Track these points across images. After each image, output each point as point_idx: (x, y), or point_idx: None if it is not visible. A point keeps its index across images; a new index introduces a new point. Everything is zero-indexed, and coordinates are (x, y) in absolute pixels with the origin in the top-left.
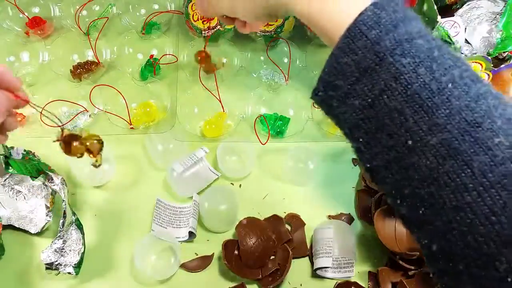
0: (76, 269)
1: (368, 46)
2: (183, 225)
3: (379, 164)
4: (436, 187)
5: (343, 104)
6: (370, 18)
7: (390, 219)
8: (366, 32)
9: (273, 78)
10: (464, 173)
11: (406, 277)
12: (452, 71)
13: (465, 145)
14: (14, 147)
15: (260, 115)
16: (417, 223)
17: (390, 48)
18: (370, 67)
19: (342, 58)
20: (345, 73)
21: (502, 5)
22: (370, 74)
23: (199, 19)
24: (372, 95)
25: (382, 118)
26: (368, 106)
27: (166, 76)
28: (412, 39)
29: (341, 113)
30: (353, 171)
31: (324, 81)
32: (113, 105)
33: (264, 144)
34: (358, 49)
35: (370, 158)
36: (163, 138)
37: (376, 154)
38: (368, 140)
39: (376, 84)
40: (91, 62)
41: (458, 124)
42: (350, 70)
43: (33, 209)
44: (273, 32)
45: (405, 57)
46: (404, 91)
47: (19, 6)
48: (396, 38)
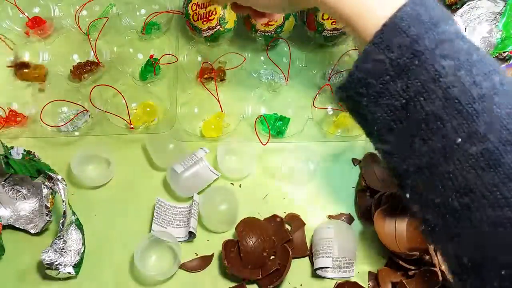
0: (76, 269)
1: (406, 44)
2: (183, 225)
3: (408, 169)
4: (472, 199)
5: (374, 103)
6: (409, 14)
7: (390, 219)
8: (405, 28)
9: (273, 78)
10: (506, 186)
11: (406, 277)
12: (492, 76)
13: (507, 157)
14: (14, 147)
15: (260, 115)
16: (446, 235)
17: (429, 48)
18: (406, 67)
19: (377, 55)
20: (379, 71)
21: (502, 5)
22: (406, 74)
23: (199, 19)
24: (407, 96)
25: (417, 121)
26: (401, 107)
27: (166, 76)
28: (452, 40)
29: (370, 113)
30: (353, 171)
31: (354, 77)
32: (113, 105)
33: (265, 145)
34: (395, 47)
35: (399, 162)
36: (163, 138)
37: (406, 158)
38: (398, 143)
39: (412, 85)
40: (91, 62)
41: (499, 133)
42: (384, 68)
43: (33, 209)
44: (273, 32)
45: (445, 59)
46: (443, 94)
47: (19, 6)
48: (436, 38)
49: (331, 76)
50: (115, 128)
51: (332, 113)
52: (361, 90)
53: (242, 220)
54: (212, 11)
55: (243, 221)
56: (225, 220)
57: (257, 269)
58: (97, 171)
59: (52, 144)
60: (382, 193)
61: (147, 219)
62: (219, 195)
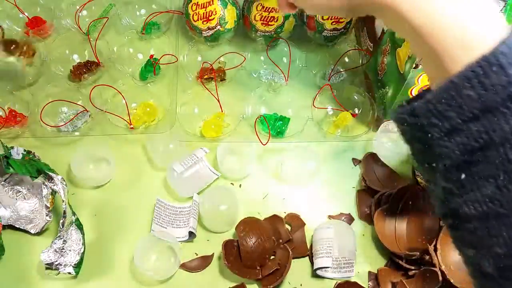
0: (76, 269)
1: (504, 83)
2: (183, 225)
3: (472, 214)
4: None
5: (448, 138)
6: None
7: (390, 219)
8: (507, 67)
9: (273, 78)
10: None
11: (406, 277)
12: None
13: None
14: (14, 147)
15: (260, 115)
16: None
17: None
18: (498, 109)
19: (465, 90)
20: (463, 107)
21: (502, 5)
22: (495, 116)
23: (199, 19)
24: (489, 139)
25: (495, 167)
26: (479, 149)
27: (166, 76)
28: None
29: (439, 146)
30: (353, 171)
31: (431, 106)
32: (113, 105)
33: (265, 145)
34: (489, 85)
35: (462, 204)
36: (163, 138)
37: (472, 201)
38: (467, 184)
39: (499, 129)
40: (91, 62)
41: None
42: (471, 105)
43: (33, 209)
44: (273, 32)
45: None
46: None
47: (19, 6)
48: None
49: (331, 76)
50: (115, 128)
51: (332, 113)
52: (435, 121)
53: (242, 220)
54: (212, 11)
55: (243, 221)
56: (225, 220)
57: (257, 269)
58: (97, 171)
59: (52, 144)
60: (382, 193)
61: (147, 219)
62: (219, 195)
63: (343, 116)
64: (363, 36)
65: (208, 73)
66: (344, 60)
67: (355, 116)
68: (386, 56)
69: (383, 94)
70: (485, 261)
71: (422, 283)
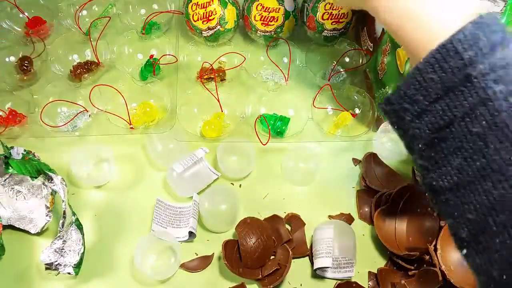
0: (75, 269)
1: (460, 66)
2: (183, 225)
3: (445, 186)
4: (509, 217)
5: (418, 119)
6: (467, 37)
7: (390, 219)
8: (462, 52)
9: (273, 78)
10: None
11: (406, 277)
12: None
13: None
14: (14, 147)
15: (260, 115)
16: (476, 249)
17: (483, 73)
18: (457, 88)
19: (428, 74)
20: (428, 89)
21: (502, 5)
22: (456, 95)
23: (199, 19)
24: (453, 116)
25: (460, 140)
26: (445, 126)
27: (166, 76)
28: (508, 66)
29: (412, 128)
30: (353, 171)
31: (402, 92)
32: (113, 105)
33: (265, 145)
34: (448, 68)
35: (436, 178)
36: (163, 138)
37: (444, 175)
38: (437, 160)
39: (460, 105)
40: (91, 62)
41: None
42: (434, 87)
43: (33, 209)
44: (273, 32)
45: (498, 84)
46: (490, 118)
47: (19, 6)
48: (492, 63)
49: (331, 76)
50: (115, 128)
51: (332, 113)
52: (406, 106)
53: (242, 220)
54: (212, 11)
55: (243, 221)
56: (225, 220)
57: (257, 269)
58: (97, 171)
59: (52, 144)
60: (382, 193)
61: (147, 219)
62: (219, 195)
63: (343, 116)
64: (363, 36)
65: (208, 73)
66: (344, 60)
67: (355, 116)
68: (386, 56)
69: (383, 94)
70: (461, 228)
71: (422, 283)
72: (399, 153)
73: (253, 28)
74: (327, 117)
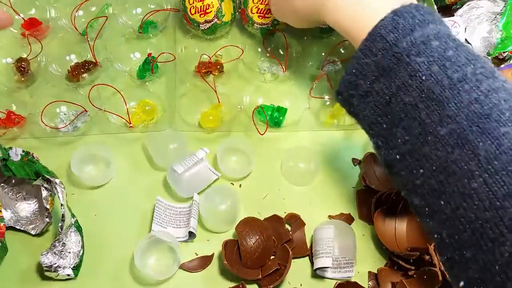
0: (75, 271)
1: (387, 48)
2: (183, 225)
3: (394, 158)
4: (445, 176)
5: (363, 102)
6: (389, 23)
7: (390, 219)
8: (385, 35)
9: (271, 69)
10: (471, 161)
11: (406, 277)
12: (465, 68)
13: (472, 135)
14: (13, 147)
15: (258, 106)
16: (427, 213)
17: (406, 49)
18: (388, 67)
19: (363, 59)
20: (366, 73)
21: (502, 5)
22: (388, 73)
23: (196, 13)
24: (390, 92)
25: (398, 113)
26: (385, 103)
27: (164, 74)
28: (428, 41)
29: (360, 111)
30: (353, 171)
31: (346, 81)
32: (112, 104)
33: (263, 135)
34: (378, 51)
35: (386, 153)
36: (163, 137)
37: (392, 148)
38: (385, 135)
39: (393, 82)
40: (89, 62)
41: (467, 115)
42: (370, 70)
43: (33, 210)
44: (270, 24)
45: (420, 57)
46: (418, 86)
47: (15, 7)
48: (412, 40)
49: (325, 65)
50: (114, 128)
51: (329, 103)
52: (351, 92)
53: (242, 220)
54: (209, 4)
55: (243, 221)
56: (225, 220)
57: (257, 269)
58: (97, 171)
59: (52, 144)
60: (382, 193)
61: (147, 219)
62: (219, 195)
63: (339, 106)
64: None
65: (206, 66)
66: (339, 51)
67: None
68: None
69: None
70: (413, 196)
71: (422, 283)
72: None
73: (250, 21)
74: (324, 107)
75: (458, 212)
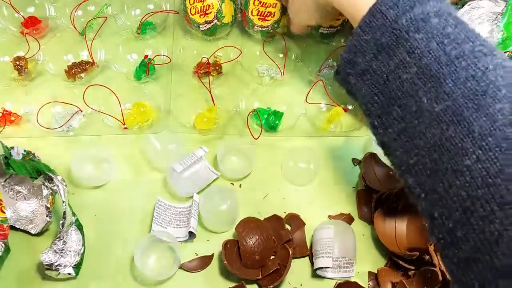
0: (75, 269)
1: (386, 24)
2: (183, 225)
3: (390, 137)
4: (439, 153)
5: (360, 80)
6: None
7: (390, 219)
8: (385, 12)
9: (269, 72)
10: (466, 137)
11: (406, 277)
12: (463, 45)
13: (467, 112)
14: (14, 147)
15: (254, 109)
16: (421, 192)
17: (405, 26)
18: (387, 44)
19: (363, 36)
20: (365, 50)
21: (503, 5)
22: (387, 51)
23: (196, 13)
24: (388, 70)
25: (395, 90)
26: (383, 81)
27: (160, 76)
28: (428, 18)
29: (358, 90)
30: (353, 171)
31: (344, 59)
32: (107, 105)
33: (256, 139)
34: (377, 28)
35: (382, 132)
36: (162, 138)
37: (387, 127)
38: (381, 114)
39: (391, 59)
40: (86, 62)
41: (463, 92)
42: (369, 47)
43: (33, 210)
44: (270, 27)
45: (419, 33)
46: (416, 63)
47: (14, 5)
48: (412, 17)
49: (322, 69)
50: (109, 128)
51: (325, 108)
52: (349, 70)
53: (242, 220)
54: (210, 5)
55: (243, 221)
56: (225, 220)
57: (257, 269)
58: (97, 171)
59: (52, 144)
60: (382, 193)
61: (147, 219)
62: (219, 195)
63: (335, 111)
64: None
65: (204, 67)
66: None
67: (347, 111)
68: None
69: None
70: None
71: (422, 283)
72: None
73: (250, 23)
74: (320, 113)
75: (450, 190)
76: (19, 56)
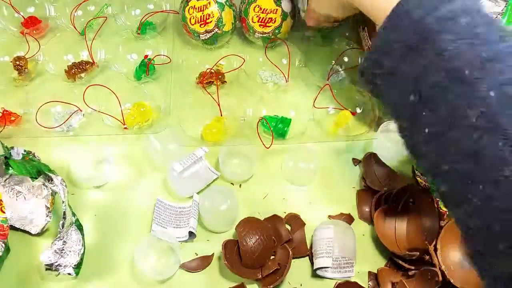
0: (76, 270)
1: (411, 25)
2: (183, 225)
3: (419, 141)
4: (475, 162)
5: (387, 82)
6: None
7: (390, 219)
8: (410, 11)
9: (273, 79)
10: (504, 146)
11: (406, 277)
12: (496, 46)
13: (504, 119)
14: (14, 147)
15: (261, 117)
16: (455, 200)
17: (432, 26)
18: (414, 45)
19: (388, 36)
20: (390, 51)
21: (503, 5)
22: (414, 52)
23: (196, 23)
24: (415, 72)
25: (425, 94)
26: (411, 84)
27: (161, 76)
28: (455, 17)
29: (384, 91)
30: (353, 171)
31: (370, 59)
32: (107, 105)
33: (268, 148)
34: (401, 28)
35: (411, 135)
36: (162, 138)
37: (418, 131)
38: (409, 117)
39: (419, 61)
40: (86, 62)
41: (498, 97)
42: (395, 48)
43: (34, 210)
44: (271, 33)
45: (447, 34)
46: (446, 66)
47: (15, 5)
48: (438, 17)
49: (330, 75)
50: (109, 128)
51: (333, 112)
52: (375, 71)
53: (242, 220)
54: (210, 14)
55: (243, 221)
56: (225, 220)
57: (257, 269)
58: (96, 171)
59: (47, 144)
60: (382, 193)
61: (147, 219)
62: (219, 195)
63: (343, 114)
64: (364, 36)
65: (208, 77)
66: (343, 60)
67: (354, 114)
68: None
69: None
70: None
71: (422, 283)
72: (399, 153)
73: (251, 30)
74: (328, 117)
75: (490, 202)
76: (19, 56)
